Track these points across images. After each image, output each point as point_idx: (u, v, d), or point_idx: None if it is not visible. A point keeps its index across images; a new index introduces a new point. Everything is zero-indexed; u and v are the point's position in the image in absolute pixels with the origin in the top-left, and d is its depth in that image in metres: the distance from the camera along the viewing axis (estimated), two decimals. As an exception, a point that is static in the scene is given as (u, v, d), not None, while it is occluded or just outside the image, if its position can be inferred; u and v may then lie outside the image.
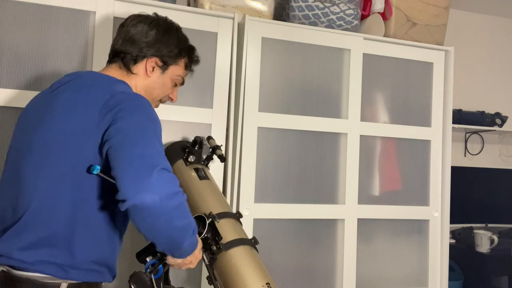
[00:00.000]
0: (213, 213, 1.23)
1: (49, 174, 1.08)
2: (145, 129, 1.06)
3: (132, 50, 1.24)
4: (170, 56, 1.28)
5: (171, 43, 1.29)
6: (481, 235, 2.87)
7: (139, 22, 1.27)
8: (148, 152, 1.01)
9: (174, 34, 1.31)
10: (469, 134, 3.23)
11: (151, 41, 1.26)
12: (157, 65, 1.28)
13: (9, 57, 1.67)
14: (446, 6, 2.34)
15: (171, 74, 1.31)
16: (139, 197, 0.95)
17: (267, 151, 1.98)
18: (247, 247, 1.24)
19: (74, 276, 1.08)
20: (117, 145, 1.02)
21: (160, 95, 1.33)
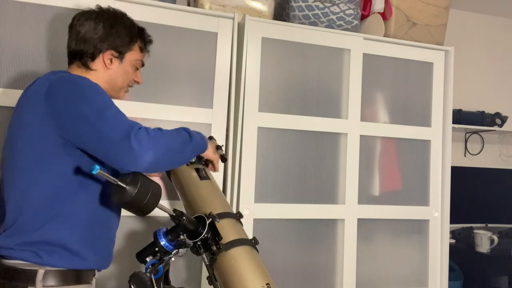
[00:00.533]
0: (213, 213, 1.22)
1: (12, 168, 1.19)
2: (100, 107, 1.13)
3: (86, 48, 1.28)
4: (123, 45, 1.32)
5: (121, 32, 1.31)
6: (481, 235, 2.87)
7: (86, 20, 1.30)
8: (111, 125, 1.11)
9: (121, 23, 1.33)
10: (469, 134, 3.23)
11: (102, 35, 1.29)
12: (113, 57, 1.31)
13: (9, 57, 1.67)
14: (446, 6, 2.34)
15: (129, 60, 1.35)
16: (141, 165, 1.09)
17: (267, 151, 1.98)
18: (247, 248, 1.24)
19: (49, 262, 1.13)
20: (83, 137, 1.13)
21: (124, 82, 1.38)
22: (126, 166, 1.10)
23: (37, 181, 1.15)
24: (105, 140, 1.11)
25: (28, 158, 1.16)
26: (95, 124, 1.11)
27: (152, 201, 1.07)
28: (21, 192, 1.16)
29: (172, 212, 1.14)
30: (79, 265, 1.18)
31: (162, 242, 1.16)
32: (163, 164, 1.19)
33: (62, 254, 1.15)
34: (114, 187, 1.06)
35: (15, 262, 1.14)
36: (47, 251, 1.14)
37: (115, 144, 1.10)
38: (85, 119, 1.11)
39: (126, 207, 1.06)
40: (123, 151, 1.09)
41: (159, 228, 1.19)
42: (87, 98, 1.14)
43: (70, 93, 1.14)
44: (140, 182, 1.04)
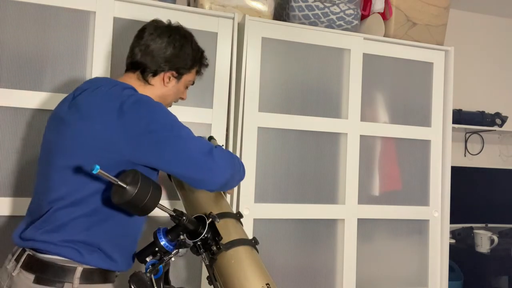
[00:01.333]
0: (213, 213, 1.22)
1: (67, 171, 1.18)
2: (174, 125, 1.20)
3: (151, 65, 1.32)
4: (185, 68, 1.37)
5: (187, 57, 1.36)
6: (481, 235, 2.87)
7: (158, 37, 1.33)
8: (192, 145, 1.20)
9: (189, 46, 1.37)
10: (469, 134, 3.23)
11: (169, 56, 1.33)
12: (173, 76, 1.36)
13: (9, 57, 1.67)
14: (446, 6, 2.34)
15: (184, 81, 1.41)
16: (221, 181, 1.21)
17: (267, 151, 1.98)
18: (247, 248, 1.24)
19: (89, 261, 1.16)
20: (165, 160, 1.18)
21: (174, 99, 1.44)
22: (207, 183, 1.21)
23: (90, 189, 1.17)
24: (189, 160, 1.18)
25: (85, 164, 1.16)
26: (178, 140, 1.17)
27: (152, 201, 1.07)
28: (71, 194, 1.17)
29: (172, 212, 1.14)
30: (111, 267, 1.21)
31: (162, 242, 1.16)
32: (233, 183, 1.30)
33: (99, 254, 1.18)
34: (114, 187, 1.06)
35: (54, 257, 1.15)
36: (88, 250, 1.16)
37: (199, 162, 1.18)
38: (166, 138, 1.16)
39: (126, 206, 1.06)
40: (206, 169, 1.19)
41: (159, 228, 1.19)
42: (163, 118, 1.19)
43: (145, 115, 1.17)
44: (140, 182, 1.05)
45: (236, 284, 1.16)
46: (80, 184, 1.17)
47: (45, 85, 1.71)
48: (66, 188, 1.17)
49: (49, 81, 1.71)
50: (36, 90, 1.69)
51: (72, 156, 1.17)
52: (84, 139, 1.17)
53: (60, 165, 1.19)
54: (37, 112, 1.69)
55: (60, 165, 1.19)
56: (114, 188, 1.07)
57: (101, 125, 1.16)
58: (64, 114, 1.23)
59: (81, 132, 1.18)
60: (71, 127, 1.19)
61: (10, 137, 1.66)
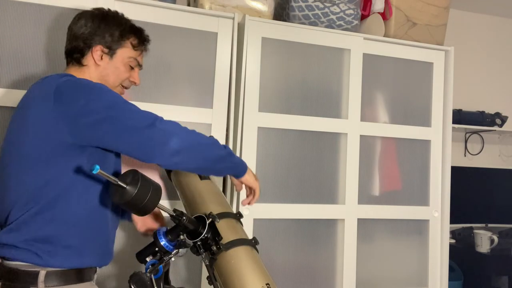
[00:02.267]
0: (213, 213, 1.22)
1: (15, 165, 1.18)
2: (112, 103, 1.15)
3: (77, 44, 1.29)
4: (113, 40, 1.31)
5: (111, 28, 1.31)
6: (481, 235, 2.87)
7: (79, 19, 1.31)
8: (132, 116, 1.14)
9: (112, 19, 1.33)
10: (469, 134, 3.23)
11: (92, 30, 1.29)
12: (103, 52, 1.30)
13: (9, 57, 1.67)
14: (446, 6, 2.34)
15: (120, 57, 1.33)
16: (169, 148, 1.12)
17: (267, 151, 1.98)
18: (247, 248, 1.24)
19: (50, 262, 1.13)
20: (106, 135, 1.13)
21: (116, 80, 1.35)
22: (150, 154, 1.13)
23: (42, 179, 1.15)
24: (129, 131, 1.13)
25: (34, 156, 1.15)
26: (115, 119, 1.13)
27: (152, 201, 1.07)
28: (24, 189, 1.16)
29: (172, 212, 1.14)
30: (79, 264, 1.18)
31: (162, 242, 1.16)
32: (191, 157, 1.18)
33: (62, 253, 1.15)
34: (114, 187, 1.06)
35: (16, 263, 1.14)
36: (48, 252, 1.13)
37: (139, 134, 1.13)
38: (104, 118, 1.12)
39: (126, 207, 1.06)
40: (147, 139, 1.12)
41: (159, 228, 1.19)
42: (100, 97, 1.15)
43: (81, 96, 1.14)
44: (140, 182, 1.04)
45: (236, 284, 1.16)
46: (33, 177, 1.15)
47: (45, 85, 1.70)
48: (21, 184, 1.16)
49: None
50: (36, 90, 1.69)
51: (19, 148, 1.17)
52: (26, 128, 1.16)
53: (12, 162, 1.18)
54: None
55: (12, 162, 1.18)
56: (113, 188, 1.07)
57: (37, 110, 1.15)
58: (14, 115, 1.25)
59: (22, 121, 1.17)
60: (16, 121, 1.21)
61: (10, 137, 1.66)
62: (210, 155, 1.23)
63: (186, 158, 1.17)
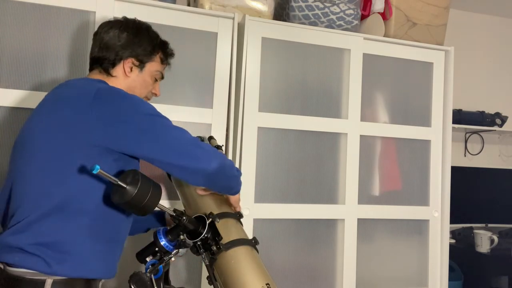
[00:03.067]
0: (213, 214, 1.22)
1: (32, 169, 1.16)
2: (153, 114, 1.18)
3: (108, 55, 1.31)
4: (144, 54, 1.34)
5: (144, 42, 1.34)
6: (481, 235, 2.87)
7: (110, 28, 1.33)
8: (183, 133, 1.19)
9: (145, 33, 1.36)
10: (469, 134, 3.23)
11: (125, 43, 1.32)
12: (134, 65, 1.33)
13: (9, 57, 1.67)
14: (446, 6, 2.34)
15: (149, 71, 1.37)
16: (210, 168, 1.16)
17: (267, 151, 1.98)
18: (247, 248, 1.24)
19: (58, 271, 1.09)
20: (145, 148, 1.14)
21: (143, 92, 1.39)
22: (189, 170, 1.15)
23: (59, 178, 1.12)
24: (172, 146, 1.15)
25: (55, 155, 1.13)
26: (160, 132, 1.15)
27: (152, 201, 1.07)
28: (38, 187, 1.13)
29: (172, 212, 1.14)
30: (87, 274, 1.14)
31: (162, 242, 1.16)
32: (224, 178, 1.24)
33: (71, 261, 1.10)
34: (114, 187, 1.06)
35: (22, 270, 1.09)
36: (57, 259, 1.09)
37: (183, 149, 1.15)
38: (148, 130, 1.14)
39: (126, 207, 1.06)
40: (190, 156, 1.15)
41: (159, 228, 1.19)
42: (141, 105, 1.18)
43: (122, 103, 1.16)
44: (140, 182, 1.04)
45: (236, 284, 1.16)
46: (48, 175, 1.12)
47: (45, 85, 1.70)
48: (34, 180, 1.14)
49: (49, 81, 1.71)
50: (36, 90, 1.69)
51: (43, 147, 1.15)
52: (54, 128, 1.15)
53: (27, 158, 1.17)
54: (37, 112, 1.69)
55: (27, 158, 1.17)
56: (113, 188, 1.07)
57: (72, 111, 1.14)
58: (36, 113, 1.23)
59: (50, 121, 1.16)
60: (41, 121, 1.19)
61: (11, 137, 1.66)
62: (232, 177, 1.29)
63: (218, 179, 1.22)
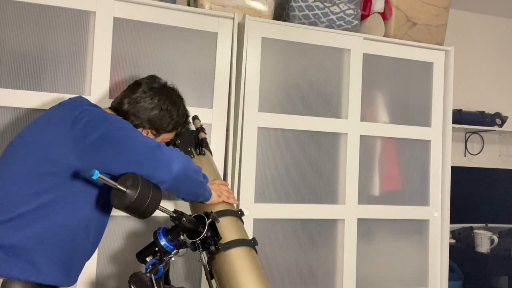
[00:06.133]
0: (213, 213, 1.22)
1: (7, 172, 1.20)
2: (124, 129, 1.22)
3: (134, 118, 1.35)
4: (164, 129, 1.41)
5: (170, 121, 1.40)
6: (481, 235, 2.87)
7: (149, 97, 1.37)
8: (143, 141, 1.20)
9: (175, 112, 1.41)
10: (469, 134, 3.23)
11: (153, 118, 1.36)
12: (151, 133, 1.40)
13: (9, 57, 1.67)
14: (446, 6, 2.34)
15: (162, 138, 1.44)
16: (171, 171, 1.17)
17: (267, 151, 1.98)
18: (246, 248, 1.24)
19: (6, 273, 1.10)
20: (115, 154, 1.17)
21: None
22: (159, 171, 1.16)
23: (31, 190, 1.15)
24: (134, 151, 1.17)
25: (33, 167, 1.16)
26: (121, 140, 1.18)
27: (152, 204, 1.06)
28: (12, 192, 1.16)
29: (172, 213, 1.14)
30: (36, 279, 1.14)
31: (162, 242, 1.16)
32: (185, 178, 1.23)
33: (21, 266, 1.12)
34: (113, 191, 1.05)
35: None
36: (11, 263, 1.11)
37: (145, 153, 1.17)
38: (109, 139, 1.17)
39: (126, 211, 1.06)
40: (156, 158, 1.17)
41: (159, 228, 1.19)
42: (110, 123, 1.20)
43: (96, 122, 1.18)
44: (140, 186, 1.04)
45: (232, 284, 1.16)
46: (23, 185, 1.15)
47: (45, 85, 1.71)
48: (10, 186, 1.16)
49: (49, 81, 1.71)
50: (36, 90, 1.69)
51: (19, 158, 1.18)
52: (36, 143, 1.18)
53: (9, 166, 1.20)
54: (37, 112, 1.69)
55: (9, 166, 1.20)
56: (113, 192, 1.07)
57: (55, 129, 1.18)
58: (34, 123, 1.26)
59: (40, 135, 1.20)
60: (32, 133, 1.22)
61: (10, 137, 1.66)
62: (197, 182, 1.29)
63: (182, 183, 1.23)
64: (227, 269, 1.19)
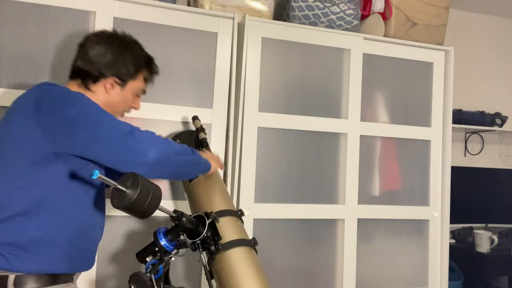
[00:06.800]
0: (213, 213, 1.22)
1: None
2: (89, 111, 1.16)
3: (91, 70, 1.29)
4: (127, 74, 1.33)
5: (128, 62, 1.33)
6: (481, 235, 2.87)
7: (97, 43, 1.32)
8: (110, 125, 1.15)
9: (130, 52, 1.34)
10: (469, 134, 3.23)
11: (109, 61, 1.30)
12: (116, 83, 1.33)
13: (9, 57, 1.67)
14: (446, 6, 2.34)
15: (130, 88, 1.36)
16: (147, 159, 1.13)
17: (267, 151, 1.98)
18: (246, 248, 1.24)
19: (18, 267, 1.11)
20: (82, 143, 1.14)
21: (122, 108, 1.40)
22: (129, 164, 1.13)
23: (19, 184, 1.14)
24: (106, 140, 1.13)
25: (13, 163, 1.15)
26: (92, 128, 1.14)
27: (152, 204, 1.06)
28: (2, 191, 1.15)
29: (172, 213, 1.14)
30: (52, 270, 1.16)
31: (162, 242, 1.16)
32: (165, 163, 1.20)
33: (33, 259, 1.13)
34: (113, 191, 1.05)
35: None
36: (18, 257, 1.11)
37: (117, 141, 1.13)
38: (83, 127, 1.13)
39: (126, 211, 1.06)
40: (126, 148, 1.13)
41: (159, 228, 1.19)
42: (78, 105, 1.16)
43: (60, 103, 1.15)
44: (140, 185, 1.04)
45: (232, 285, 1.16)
46: (11, 180, 1.14)
47: (45, 85, 1.70)
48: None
49: (48, 81, 1.71)
50: (36, 90, 1.69)
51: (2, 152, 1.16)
52: (5, 136, 1.16)
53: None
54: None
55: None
56: (112, 192, 1.07)
57: (18, 119, 1.16)
58: (4, 116, 1.24)
59: (6, 128, 1.18)
60: (3, 128, 1.20)
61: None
62: (182, 163, 1.26)
63: (162, 168, 1.20)
64: (227, 269, 1.19)
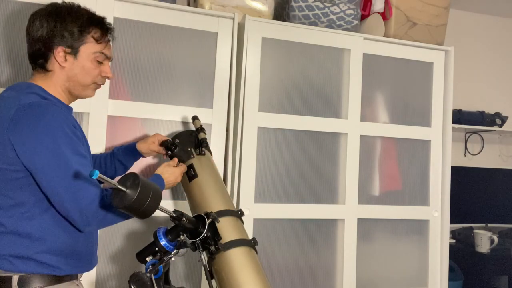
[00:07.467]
0: (213, 213, 1.22)
1: None
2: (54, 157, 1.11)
3: (37, 48, 1.21)
4: (73, 38, 1.22)
5: (68, 24, 1.21)
6: (481, 235, 2.87)
7: (34, 20, 1.22)
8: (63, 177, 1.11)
9: (67, 14, 1.22)
10: (469, 134, 3.23)
11: (49, 31, 1.20)
12: (66, 53, 1.22)
13: (9, 57, 1.67)
14: (446, 6, 2.34)
15: (85, 54, 1.24)
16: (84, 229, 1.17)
17: (267, 151, 1.98)
18: (246, 248, 1.24)
19: (23, 269, 1.12)
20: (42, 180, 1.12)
21: (87, 79, 1.27)
22: (72, 221, 1.15)
23: (10, 200, 1.14)
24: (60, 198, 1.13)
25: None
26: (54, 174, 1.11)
27: (152, 204, 1.06)
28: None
29: (172, 213, 1.14)
30: (55, 273, 1.17)
31: (162, 242, 1.16)
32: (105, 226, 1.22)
33: (37, 264, 1.14)
34: (113, 191, 1.05)
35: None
36: (21, 260, 1.13)
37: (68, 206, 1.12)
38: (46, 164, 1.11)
39: (126, 210, 1.06)
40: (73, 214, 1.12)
41: (159, 228, 1.19)
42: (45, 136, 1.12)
43: (32, 128, 1.11)
44: (140, 185, 1.03)
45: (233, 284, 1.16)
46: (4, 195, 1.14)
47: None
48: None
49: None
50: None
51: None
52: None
53: None
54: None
55: None
56: (113, 192, 1.07)
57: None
58: None
59: None
60: None
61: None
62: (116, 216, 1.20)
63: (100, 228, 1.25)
64: (227, 269, 1.19)
